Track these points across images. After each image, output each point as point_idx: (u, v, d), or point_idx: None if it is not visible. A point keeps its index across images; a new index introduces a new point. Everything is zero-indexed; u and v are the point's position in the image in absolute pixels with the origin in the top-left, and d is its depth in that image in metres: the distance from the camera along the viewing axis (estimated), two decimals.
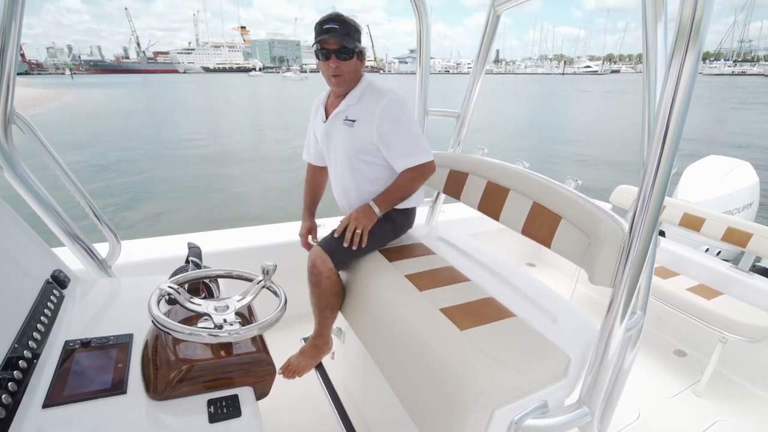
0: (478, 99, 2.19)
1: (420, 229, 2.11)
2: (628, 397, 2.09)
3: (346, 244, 1.60)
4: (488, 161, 1.78)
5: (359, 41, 1.59)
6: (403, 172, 1.62)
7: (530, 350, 1.19)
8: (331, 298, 1.65)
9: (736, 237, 2.40)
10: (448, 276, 1.58)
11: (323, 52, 1.55)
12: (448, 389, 1.11)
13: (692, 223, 2.62)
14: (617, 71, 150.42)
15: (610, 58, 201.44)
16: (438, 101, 2.32)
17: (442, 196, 2.19)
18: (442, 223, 2.36)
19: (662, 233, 3.47)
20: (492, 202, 1.67)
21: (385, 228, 1.72)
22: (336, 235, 1.63)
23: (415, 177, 1.62)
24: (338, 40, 1.52)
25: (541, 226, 1.43)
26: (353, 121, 1.62)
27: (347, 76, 1.60)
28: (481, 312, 1.34)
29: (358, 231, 1.60)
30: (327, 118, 1.72)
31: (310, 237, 1.95)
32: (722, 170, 4.15)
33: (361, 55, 1.61)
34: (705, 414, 2.06)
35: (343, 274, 1.72)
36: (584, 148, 14.98)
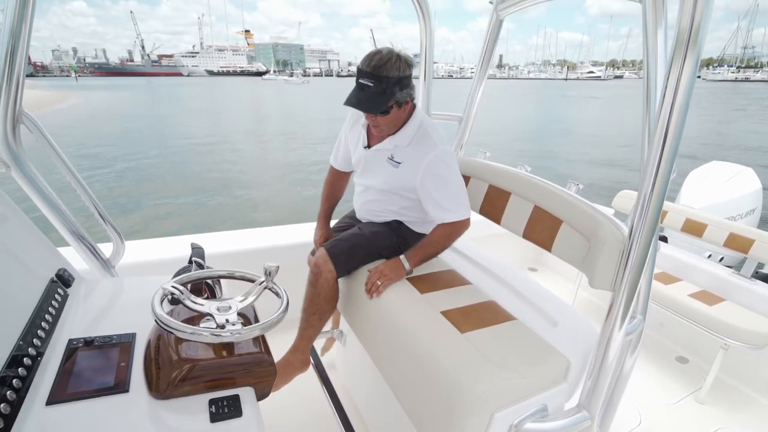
0: (480, 102, 2.20)
1: None
2: (630, 402, 2.08)
3: (368, 294, 1.53)
4: (490, 165, 1.79)
5: (404, 86, 1.44)
6: (439, 228, 1.58)
7: (530, 354, 1.19)
8: (323, 303, 1.62)
9: (738, 243, 2.40)
10: (449, 279, 1.58)
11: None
12: (447, 392, 1.12)
13: (694, 228, 2.62)
14: (620, 77, 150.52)
15: (613, 64, 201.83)
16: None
17: None
18: None
19: (665, 239, 3.46)
20: (493, 206, 1.67)
21: (397, 245, 1.70)
22: (367, 292, 1.54)
23: (449, 233, 1.58)
24: (365, 108, 1.43)
25: (542, 230, 1.43)
26: (399, 162, 1.57)
27: (386, 127, 1.53)
28: (481, 315, 1.35)
29: (379, 283, 1.52)
30: (370, 145, 1.64)
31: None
32: (725, 176, 4.15)
33: (402, 104, 1.48)
34: (707, 421, 2.05)
35: (344, 279, 1.73)
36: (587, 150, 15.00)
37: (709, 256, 3.51)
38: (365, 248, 1.65)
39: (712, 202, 3.84)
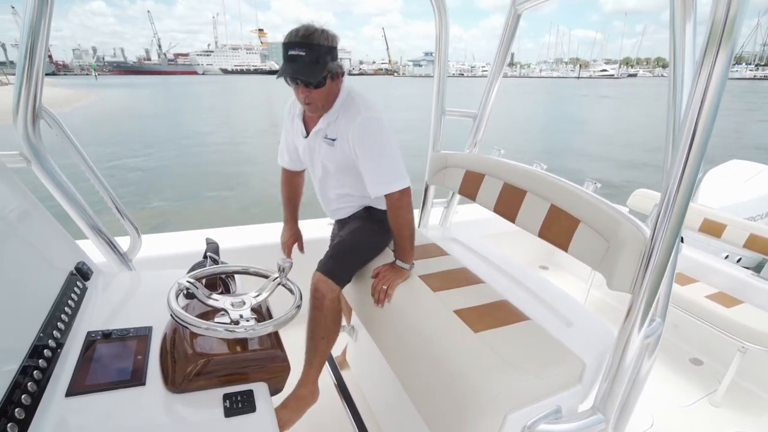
0: (495, 99, 2.18)
1: (434, 230, 2.10)
2: (642, 404, 2.04)
3: (376, 304, 1.52)
4: (505, 162, 1.77)
5: (334, 57, 1.40)
6: (389, 216, 1.55)
7: (545, 354, 1.18)
8: (330, 325, 1.58)
9: (758, 244, 2.34)
10: (462, 277, 1.57)
11: (290, 79, 1.38)
12: (460, 391, 1.11)
13: (713, 229, 2.56)
14: (634, 75, 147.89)
15: (627, 62, 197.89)
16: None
17: (457, 196, 2.18)
18: (456, 224, 2.35)
19: (681, 239, 3.39)
20: (508, 204, 1.65)
21: (377, 231, 1.68)
22: (376, 302, 1.52)
23: (396, 213, 1.53)
24: (303, 76, 1.35)
25: (558, 229, 1.41)
26: (333, 139, 1.52)
27: (320, 102, 1.46)
28: (495, 314, 1.34)
29: (385, 287, 1.50)
30: (308, 133, 1.61)
31: (296, 246, 1.88)
32: (745, 175, 4.06)
33: (335, 75, 1.43)
34: (721, 424, 2.01)
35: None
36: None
37: (726, 257, 3.44)
38: (352, 251, 1.64)
39: (731, 201, 3.75)
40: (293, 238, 1.89)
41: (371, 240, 1.68)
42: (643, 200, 2.88)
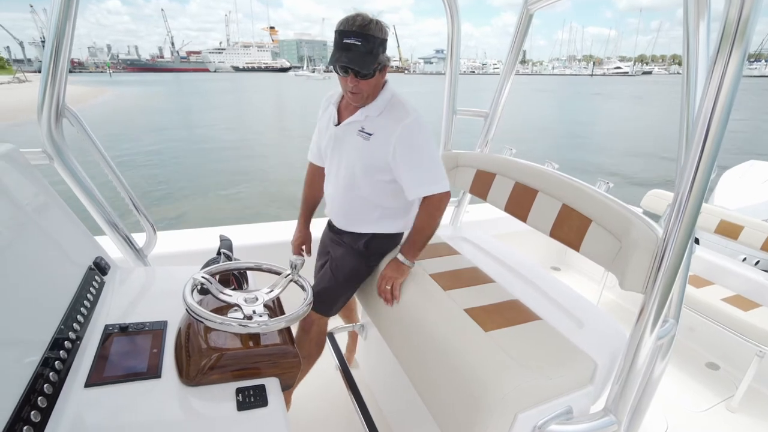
0: (507, 99, 2.16)
1: (445, 229, 2.10)
2: (657, 408, 2.02)
3: (386, 303, 1.54)
4: (516, 162, 1.76)
5: (384, 50, 1.40)
6: (420, 212, 1.53)
7: (556, 354, 1.18)
8: (314, 347, 1.68)
9: None
10: (472, 277, 1.57)
11: (341, 68, 1.37)
12: (471, 390, 1.11)
13: (729, 230, 2.52)
14: (649, 72, 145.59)
15: (641, 59, 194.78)
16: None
17: (468, 196, 2.17)
18: (467, 223, 2.35)
19: (696, 240, 3.34)
20: (519, 204, 1.65)
21: (367, 263, 1.67)
22: (385, 301, 1.55)
23: (431, 212, 1.50)
24: (358, 66, 1.34)
25: (570, 229, 1.40)
26: (370, 134, 1.47)
27: (366, 93, 1.43)
28: (505, 314, 1.33)
29: (388, 287, 1.52)
30: (339, 122, 1.56)
31: (303, 249, 1.89)
32: (763, 176, 3.97)
33: (383, 68, 1.43)
34: (739, 430, 1.98)
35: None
36: None
37: (744, 259, 3.37)
38: (339, 284, 1.66)
39: (749, 203, 3.68)
40: (301, 239, 1.90)
41: (359, 270, 1.67)
42: (657, 201, 2.84)
